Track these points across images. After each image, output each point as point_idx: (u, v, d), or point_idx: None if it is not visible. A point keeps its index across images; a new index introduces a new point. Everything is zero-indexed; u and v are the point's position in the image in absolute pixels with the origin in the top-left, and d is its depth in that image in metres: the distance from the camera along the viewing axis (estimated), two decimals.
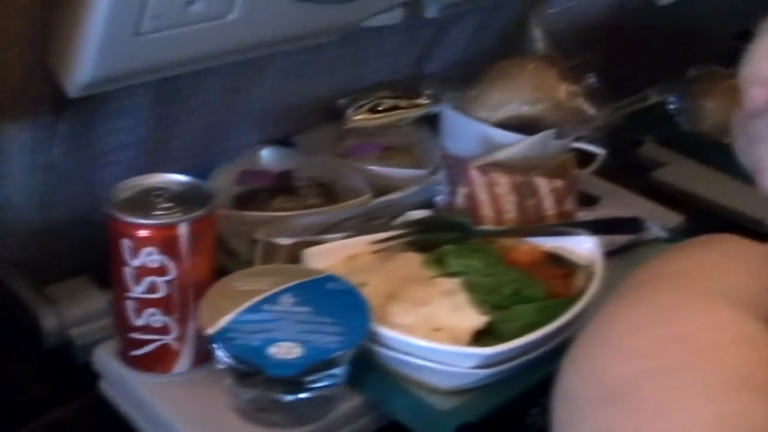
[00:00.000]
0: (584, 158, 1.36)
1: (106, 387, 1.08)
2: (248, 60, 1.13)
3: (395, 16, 1.20)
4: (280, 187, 1.26)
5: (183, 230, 0.95)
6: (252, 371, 0.92)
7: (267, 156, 1.34)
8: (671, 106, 1.66)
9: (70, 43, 0.92)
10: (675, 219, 1.38)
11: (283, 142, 1.37)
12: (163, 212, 0.96)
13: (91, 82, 0.95)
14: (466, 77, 1.39)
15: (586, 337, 0.69)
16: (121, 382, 1.04)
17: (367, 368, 1.00)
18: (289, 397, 0.94)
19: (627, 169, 1.62)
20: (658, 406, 0.58)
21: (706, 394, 0.59)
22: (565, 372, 0.68)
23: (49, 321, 1.09)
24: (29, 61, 0.96)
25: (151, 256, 0.95)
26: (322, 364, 0.92)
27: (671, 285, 0.71)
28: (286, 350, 0.91)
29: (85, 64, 0.93)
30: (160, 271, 0.96)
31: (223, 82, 1.19)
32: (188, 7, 0.94)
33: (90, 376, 1.09)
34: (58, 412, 1.21)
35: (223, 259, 1.14)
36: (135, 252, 0.95)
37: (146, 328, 1.00)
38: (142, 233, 0.95)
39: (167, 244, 0.95)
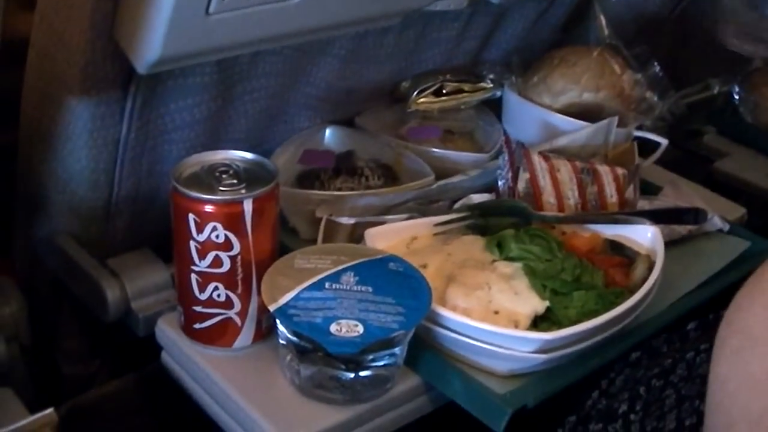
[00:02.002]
0: (646, 147, 1.35)
1: (168, 359, 1.10)
2: (309, 42, 1.14)
3: (460, 2, 1.20)
4: (342, 167, 1.27)
5: (247, 207, 0.96)
6: (312, 348, 0.93)
7: (329, 136, 1.35)
8: (734, 97, 1.65)
9: (140, 22, 0.93)
10: (737, 211, 1.38)
11: (345, 123, 1.37)
12: (228, 188, 0.97)
13: (160, 59, 0.96)
14: (528, 63, 1.40)
15: (764, 280, 0.69)
16: (183, 355, 1.06)
17: (426, 349, 1.01)
18: (349, 375, 0.95)
19: (689, 159, 1.62)
20: None
21: None
22: (741, 306, 0.68)
23: (112, 293, 1.10)
24: (97, 38, 0.98)
25: (215, 232, 0.96)
26: (381, 343, 0.93)
27: None
28: (346, 328, 0.92)
29: (154, 43, 0.94)
30: (225, 246, 0.97)
31: (285, 63, 1.19)
32: None
33: (152, 349, 1.11)
34: (121, 382, 1.23)
35: (284, 237, 1.16)
36: (200, 227, 0.96)
37: (209, 302, 1.01)
38: (208, 209, 0.96)
39: (232, 220, 0.96)
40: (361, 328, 0.92)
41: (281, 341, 0.97)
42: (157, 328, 1.09)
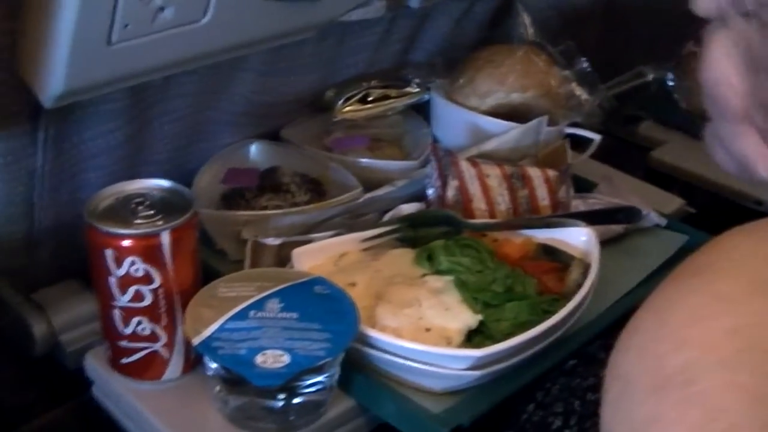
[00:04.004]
0: (580, 143, 1.34)
1: (97, 393, 1.07)
2: (224, 59, 1.12)
3: (377, 10, 1.17)
4: (267, 184, 1.24)
5: (165, 238, 0.94)
6: (239, 379, 0.91)
7: (254, 152, 1.33)
8: (668, 84, 1.63)
9: (40, 55, 0.90)
10: (675, 202, 1.37)
11: (270, 136, 1.35)
12: (144, 221, 0.95)
13: (64, 93, 0.93)
14: (453, 64, 1.38)
15: (644, 319, 0.67)
16: (112, 389, 1.04)
17: (358, 371, 0.99)
18: (278, 404, 0.93)
19: (625, 148, 1.61)
20: (712, 401, 0.57)
21: (764, 393, 0.57)
22: (620, 350, 0.67)
23: (39, 328, 1.08)
24: (3, 71, 0.95)
25: (134, 266, 0.94)
26: (309, 370, 0.91)
27: (731, 273, 0.69)
28: (272, 359, 0.89)
29: (56, 76, 0.91)
30: (145, 279, 0.95)
31: (201, 82, 1.17)
32: (159, 14, 0.92)
33: (83, 381, 1.09)
34: (50, 416, 1.21)
35: (212, 259, 1.14)
36: (118, 262, 0.94)
37: (134, 337, 0.98)
38: (125, 243, 0.93)
39: (150, 253, 0.94)
40: (287, 358, 0.90)
41: (208, 373, 0.95)
42: (86, 362, 1.07)
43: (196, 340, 0.91)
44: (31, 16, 0.90)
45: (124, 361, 1.01)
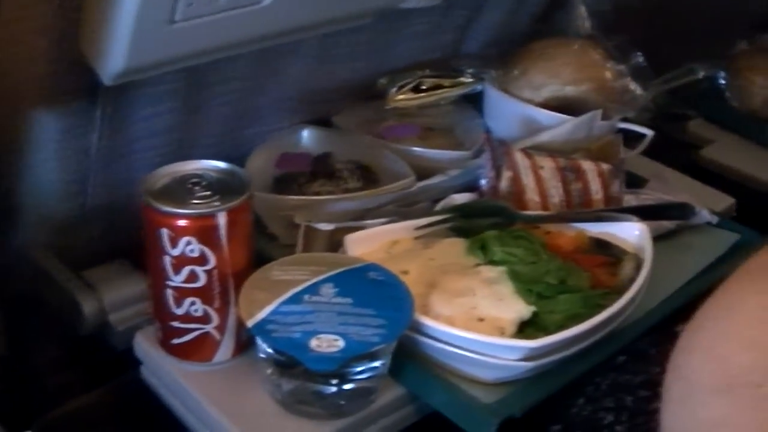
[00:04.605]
0: (631, 138, 1.33)
1: (146, 373, 1.07)
2: (281, 43, 1.12)
3: None
4: (320, 170, 1.24)
5: (221, 219, 0.93)
6: (292, 363, 0.91)
7: (306, 137, 1.33)
8: (720, 82, 1.62)
9: (103, 33, 0.90)
10: (725, 201, 1.36)
11: (322, 122, 1.35)
12: (201, 201, 0.94)
13: (125, 70, 0.93)
14: (508, 55, 1.37)
15: (707, 318, 0.67)
16: (161, 370, 1.04)
17: (409, 359, 0.99)
18: (331, 389, 0.93)
19: (674, 146, 1.60)
20: None
21: None
22: (683, 350, 0.66)
23: (88, 306, 1.08)
24: (62, 50, 0.95)
25: (189, 246, 0.94)
26: (363, 356, 0.91)
27: None
28: (326, 343, 0.89)
29: (118, 54, 0.91)
30: (200, 260, 0.95)
31: (256, 65, 1.17)
32: None
33: (131, 358, 1.09)
34: (97, 394, 1.21)
35: (263, 243, 1.14)
36: (174, 242, 0.94)
37: (186, 317, 0.98)
38: (181, 223, 0.93)
39: (206, 234, 0.94)
40: (341, 343, 0.89)
41: (261, 355, 0.95)
42: (135, 342, 1.06)
43: (250, 323, 0.91)
44: None
45: (175, 341, 1.00)
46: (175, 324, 0.99)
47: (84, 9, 0.92)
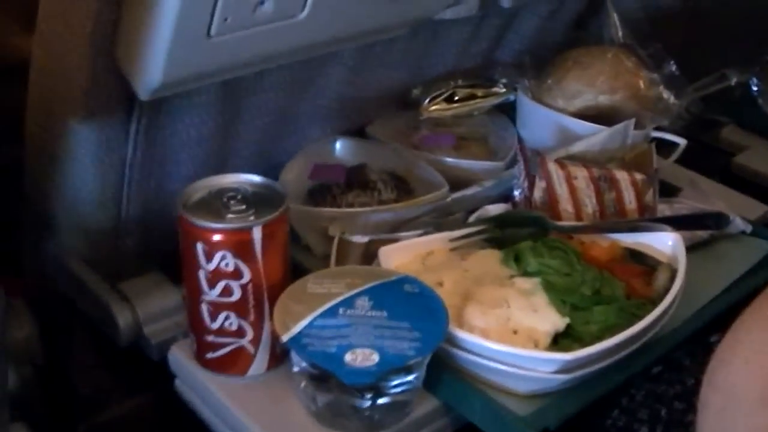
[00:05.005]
0: (664, 145, 1.33)
1: (181, 386, 1.08)
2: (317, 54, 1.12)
3: (470, 8, 1.17)
4: (354, 181, 1.24)
5: (257, 234, 0.93)
6: (327, 376, 0.91)
7: (340, 148, 1.33)
8: (753, 88, 1.61)
9: (140, 48, 0.91)
10: (758, 209, 1.35)
11: (356, 132, 1.35)
12: (236, 215, 0.94)
13: (162, 85, 0.94)
14: (540, 64, 1.37)
15: (746, 331, 0.66)
16: (196, 383, 1.04)
17: (444, 371, 0.99)
18: (365, 403, 0.93)
19: (707, 152, 1.59)
20: None
21: None
22: (721, 362, 0.66)
23: (124, 318, 1.09)
24: (100, 63, 0.96)
25: (225, 260, 0.94)
26: (398, 369, 0.91)
27: None
28: (362, 357, 0.89)
29: (155, 68, 0.92)
30: (235, 274, 0.95)
31: (291, 76, 1.17)
32: (257, 9, 0.93)
33: (165, 372, 1.09)
34: (131, 405, 1.22)
35: (298, 254, 1.14)
36: (209, 256, 0.94)
37: (221, 331, 0.98)
38: (216, 238, 0.93)
39: (241, 248, 0.94)
40: (376, 357, 0.89)
41: (295, 368, 0.95)
42: (170, 355, 1.07)
43: (285, 336, 0.91)
44: (132, 8, 0.91)
45: (210, 355, 1.01)
46: (210, 338, 0.99)
47: (121, 24, 0.93)
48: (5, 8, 1.19)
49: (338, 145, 1.33)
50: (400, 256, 1.08)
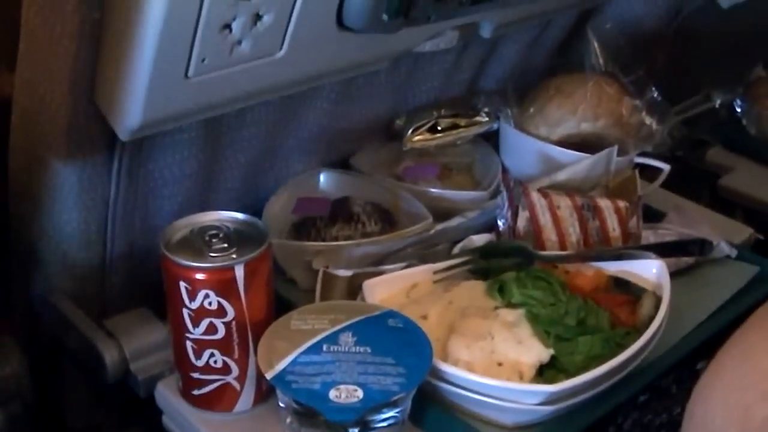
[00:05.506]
0: (649, 170, 1.33)
1: (168, 422, 1.08)
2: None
3: (450, 40, 1.18)
4: (338, 214, 1.24)
5: (239, 272, 0.94)
6: (312, 412, 0.91)
7: (324, 181, 1.33)
8: (737, 109, 1.61)
9: (118, 89, 0.91)
10: (744, 232, 1.35)
11: (340, 164, 1.35)
12: (219, 254, 0.94)
13: (141, 125, 0.94)
14: (524, 92, 1.37)
15: (725, 365, 0.66)
16: (183, 419, 1.04)
17: (430, 404, 0.99)
18: None
19: (693, 175, 1.59)
20: None
21: None
22: (701, 398, 0.66)
23: (110, 355, 1.09)
24: (80, 105, 0.96)
25: (208, 299, 0.94)
26: (383, 405, 0.91)
27: None
28: (346, 393, 0.89)
29: (134, 109, 0.92)
30: (218, 312, 0.95)
31: (272, 111, 1.18)
32: (235, 48, 0.93)
33: (154, 408, 1.09)
34: None
35: (283, 288, 1.14)
36: (192, 294, 0.94)
37: (206, 368, 0.99)
38: (199, 276, 0.93)
39: (224, 287, 0.94)
40: (360, 393, 0.89)
41: (281, 404, 0.95)
42: (157, 392, 1.07)
43: (269, 374, 0.91)
44: (109, 50, 0.91)
45: (196, 392, 1.01)
46: (196, 375, 1.00)
47: (99, 66, 0.93)
48: None
49: (322, 177, 1.33)
50: (384, 289, 1.08)
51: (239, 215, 1.00)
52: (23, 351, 1.10)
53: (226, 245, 0.95)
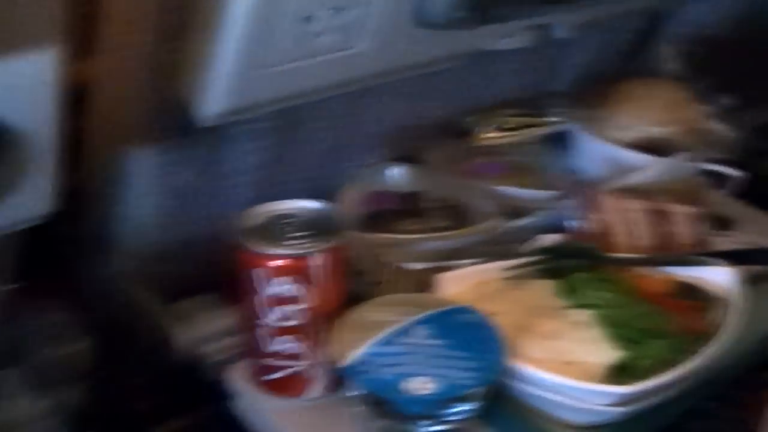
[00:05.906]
0: (718, 177, 1.33)
1: (237, 407, 1.08)
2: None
3: (523, 40, 1.18)
4: (408, 209, 1.25)
5: (316, 261, 0.94)
6: (383, 403, 0.92)
7: (393, 175, 1.33)
8: None
9: (201, 76, 0.92)
10: None
11: (410, 159, 1.36)
12: (294, 242, 0.95)
13: (222, 113, 0.95)
14: (593, 95, 1.37)
15: None
16: (252, 404, 1.05)
17: (498, 401, 0.99)
18: (421, 430, 0.93)
19: (760, 183, 1.58)
20: None
21: None
22: None
23: (179, 339, 1.10)
24: (160, 91, 0.97)
25: (283, 286, 0.95)
26: (454, 398, 0.91)
27: None
28: (419, 385, 0.90)
29: (215, 97, 0.93)
30: (292, 300, 0.96)
31: (347, 104, 1.18)
32: (317, 40, 0.94)
33: (219, 393, 1.10)
34: (188, 423, 1.22)
35: (351, 280, 1.14)
36: (266, 281, 0.95)
37: (278, 355, 0.99)
38: (274, 264, 0.94)
39: (300, 275, 0.95)
40: (432, 386, 0.90)
41: (352, 393, 0.96)
42: (226, 377, 1.08)
43: (341, 364, 0.92)
44: (195, 37, 0.91)
45: (266, 378, 1.02)
46: (267, 361, 1.00)
47: (183, 51, 0.94)
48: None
49: (393, 172, 1.33)
50: (454, 284, 1.08)
51: (314, 204, 1.00)
52: (90, 329, 1.12)
53: (301, 233, 0.96)
